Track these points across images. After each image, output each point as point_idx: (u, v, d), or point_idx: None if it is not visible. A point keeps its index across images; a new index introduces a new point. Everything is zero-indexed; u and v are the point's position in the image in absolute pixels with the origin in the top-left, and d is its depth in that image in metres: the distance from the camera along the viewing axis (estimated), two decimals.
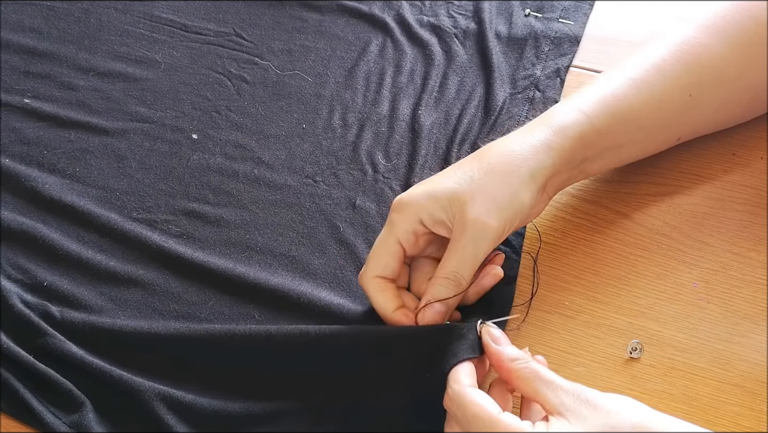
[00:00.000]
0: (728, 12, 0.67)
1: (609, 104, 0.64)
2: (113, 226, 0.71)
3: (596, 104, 0.64)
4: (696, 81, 0.66)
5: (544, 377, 0.54)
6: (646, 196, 0.70)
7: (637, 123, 0.66)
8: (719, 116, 0.70)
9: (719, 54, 0.66)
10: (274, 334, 0.63)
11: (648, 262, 0.67)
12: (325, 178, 0.74)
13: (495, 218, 0.60)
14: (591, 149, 0.64)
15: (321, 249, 0.70)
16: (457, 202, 0.60)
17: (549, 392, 0.53)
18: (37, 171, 0.75)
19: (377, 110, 0.78)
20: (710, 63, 0.66)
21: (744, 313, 0.64)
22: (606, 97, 0.65)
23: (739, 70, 0.67)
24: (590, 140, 0.64)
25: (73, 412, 0.61)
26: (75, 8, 0.87)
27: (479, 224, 0.59)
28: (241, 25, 0.85)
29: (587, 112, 0.64)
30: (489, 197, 0.60)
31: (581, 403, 0.52)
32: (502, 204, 0.60)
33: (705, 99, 0.67)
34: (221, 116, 0.79)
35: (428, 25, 0.84)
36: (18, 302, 0.66)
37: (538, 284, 0.66)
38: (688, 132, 0.70)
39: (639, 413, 0.52)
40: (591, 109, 0.64)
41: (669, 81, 0.66)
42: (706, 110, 0.69)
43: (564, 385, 0.53)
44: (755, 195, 0.69)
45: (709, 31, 0.67)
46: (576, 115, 0.63)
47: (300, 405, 0.61)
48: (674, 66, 0.66)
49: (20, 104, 0.80)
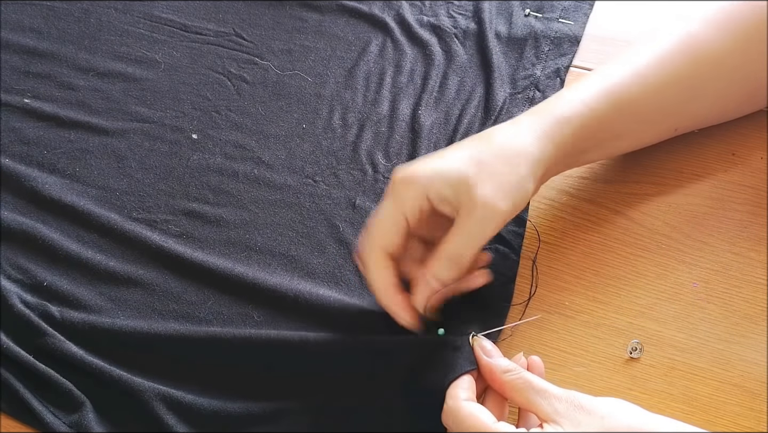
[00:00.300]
0: (730, 6, 0.67)
1: (610, 94, 0.64)
2: (113, 226, 0.71)
3: (597, 94, 0.64)
4: (696, 72, 0.67)
5: (537, 386, 0.54)
6: (646, 196, 0.70)
7: (636, 113, 0.66)
8: (718, 108, 0.70)
9: (719, 46, 0.67)
10: (273, 339, 0.63)
11: (648, 262, 0.67)
12: (325, 178, 0.74)
13: (503, 201, 0.59)
14: (591, 140, 0.64)
15: (320, 249, 0.70)
16: (466, 182, 0.59)
17: (542, 401, 0.53)
18: (37, 171, 0.75)
19: (377, 110, 0.78)
20: (710, 54, 0.67)
21: (744, 313, 0.64)
22: (607, 87, 0.64)
23: (739, 62, 0.67)
24: (591, 131, 0.64)
25: (73, 412, 0.61)
26: (75, 8, 0.87)
27: (488, 206, 0.58)
28: (241, 25, 0.85)
29: (589, 102, 0.63)
30: (498, 180, 0.59)
31: (575, 408, 0.52)
32: (511, 188, 0.59)
33: (704, 90, 0.68)
34: (221, 116, 0.79)
35: (428, 25, 0.84)
36: (18, 302, 0.66)
37: (536, 286, 0.66)
38: (686, 123, 0.70)
39: (633, 415, 0.53)
40: (592, 100, 0.64)
41: (669, 71, 0.66)
42: (705, 101, 0.69)
43: (556, 393, 0.54)
44: (755, 195, 0.69)
45: (710, 24, 0.67)
46: (578, 106, 0.63)
47: (300, 405, 0.61)
48: (674, 57, 0.66)
49: (20, 104, 0.80)
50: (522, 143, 0.61)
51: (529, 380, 0.55)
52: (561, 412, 0.52)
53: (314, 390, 0.61)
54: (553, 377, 0.60)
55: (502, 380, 0.56)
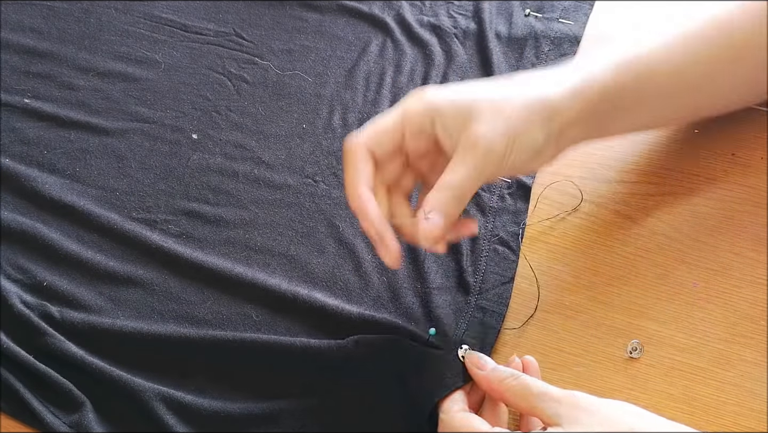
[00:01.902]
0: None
1: (636, 63, 0.63)
2: (113, 226, 0.71)
3: (625, 61, 0.62)
4: (721, 54, 0.65)
5: (536, 390, 0.54)
6: (646, 196, 0.70)
7: (659, 85, 0.64)
8: (739, 92, 0.69)
9: (748, 30, 0.65)
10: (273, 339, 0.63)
11: (648, 262, 0.67)
12: (325, 178, 0.74)
13: (502, 144, 0.56)
14: (612, 105, 0.62)
15: (320, 249, 0.70)
16: (471, 115, 0.57)
17: (542, 405, 0.53)
18: (37, 171, 0.75)
19: (377, 110, 0.78)
20: (738, 37, 0.65)
21: (744, 313, 0.64)
22: (635, 55, 0.63)
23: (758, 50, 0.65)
24: (614, 96, 0.62)
25: (73, 412, 0.61)
26: (75, 8, 0.87)
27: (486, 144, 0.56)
28: (241, 25, 0.85)
29: (616, 68, 0.62)
30: (504, 123, 0.57)
31: (576, 409, 0.52)
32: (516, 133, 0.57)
33: (728, 72, 0.66)
34: (221, 116, 0.79)
35: (428, 25, 0.84)
36: (18, 302, 0.66)
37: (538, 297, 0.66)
38: (705, 104, 0.69)
39: (635, 416, 0.53)
40: (619, 66, 0.62)
41: (695, 49, 0.64)
42: (726, 83, 0.67)
43: (556, 395, 0.53)
44: (755, 195, 0.69)
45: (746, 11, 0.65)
46: (607, 68, 0.61)
47: (300, 405, 0.61)
48: (703, 36, 0.65)
49: (20, 104, 0.80)
50: (544, 92, 0.59)
51: (528, 384, 0.55)
52: (562, 414, 0.52)
53: (314, 390, 0.61)
54: (553, 377, 0.61)
55: (501, 389, 0.56)
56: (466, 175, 0.56)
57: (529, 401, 0.54)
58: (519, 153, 0.57)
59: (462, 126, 0.57)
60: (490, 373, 0.57)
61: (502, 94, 0.58)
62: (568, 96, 0.59)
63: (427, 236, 0.56)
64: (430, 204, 0.56)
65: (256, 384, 0.62)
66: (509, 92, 0.59)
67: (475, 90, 0.59)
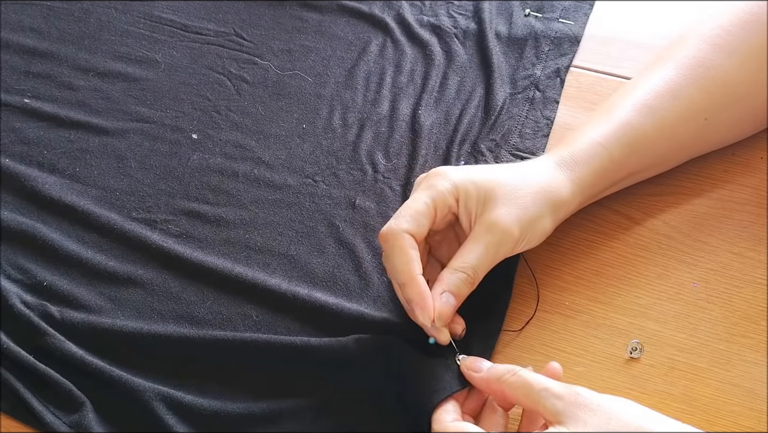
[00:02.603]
0: (735, 28, 0.67)
1: (625, 134, 0.65)
2: (113, 226, 0.71)
3: (613, 136, 0.64)
4: (710, 104, 0.66)
5: (536, 385, 0.54)
6: (646, 196, 0.70)
7: (653, 150, 0.66)
8: (732, 134, 0.70)
9: (732, 74, 0.66)
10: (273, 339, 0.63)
11: (648, 262, 0.67)
12: (325, 178, 0.74)
13: (518, 229, 0.60)
14: (608, 181, 0.66)
15: (320, 249, 0.70)
16: (493, 197, 0.60)
17: (543, 400, 0.53)
18: (37, 171, 0.75)
19: (377, 110, 0.78)
20: (723, 83, 0.66)
21: (744, 313, 0.64)
22: (622, 126, 0.65)
23: (752, 89, 0.67)
24: (609, 173, 0.65)
25: (73, 412, 0.61)
26: (75, 8, 0.87)
27: (504, 228, 0.59)
28: (241, 25, 0.85)
29: (606, 144, 0.64)
30: (520, 210, 0.60)
31: (578, 407, 0.52)
32: (529, 220, 0.60)
33: (719, 119, 0.68)
34: (221, 116, 0.79)
35: (428, 25, 0.84)
36: (18, 302, 0.66)
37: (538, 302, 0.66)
38: (701, 151, 0.70)
39: (639, 415, 0.52)
40: (609, 142, 0.64)
41: (684, 105, 0.66)
42: (719, 131, 0.69)
43: (557, 390, 0.53)
44: (755, 195, 0.69)
45: (720, 50, 0.66)
46: (597, 150, 0.64)
47: (300, 405, 0.61)
48: (689, 89, 0.66)
49: (20, 104, 0.80)
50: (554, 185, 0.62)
51: (528, 380, 0.54)
52: (563, 411, 0.52)
53: (314, 390, 0.61)
54: None
55: (500, 386, 0.55)
56: (483, 254, 0.59)
57: (530, 397, 0.54)
58: (531, 237, 0.61)
59: (482, 208, 0.60)
60: (487, 373, 0.57)
61: (515, 181, 0.61)
62: (577, 191, 0.63)
63: (441, 315, 0.59)
64: (445, 284, 0.59)
65: (256, 384, 0.62)
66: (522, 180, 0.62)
67: (492, 175, 0.62)
